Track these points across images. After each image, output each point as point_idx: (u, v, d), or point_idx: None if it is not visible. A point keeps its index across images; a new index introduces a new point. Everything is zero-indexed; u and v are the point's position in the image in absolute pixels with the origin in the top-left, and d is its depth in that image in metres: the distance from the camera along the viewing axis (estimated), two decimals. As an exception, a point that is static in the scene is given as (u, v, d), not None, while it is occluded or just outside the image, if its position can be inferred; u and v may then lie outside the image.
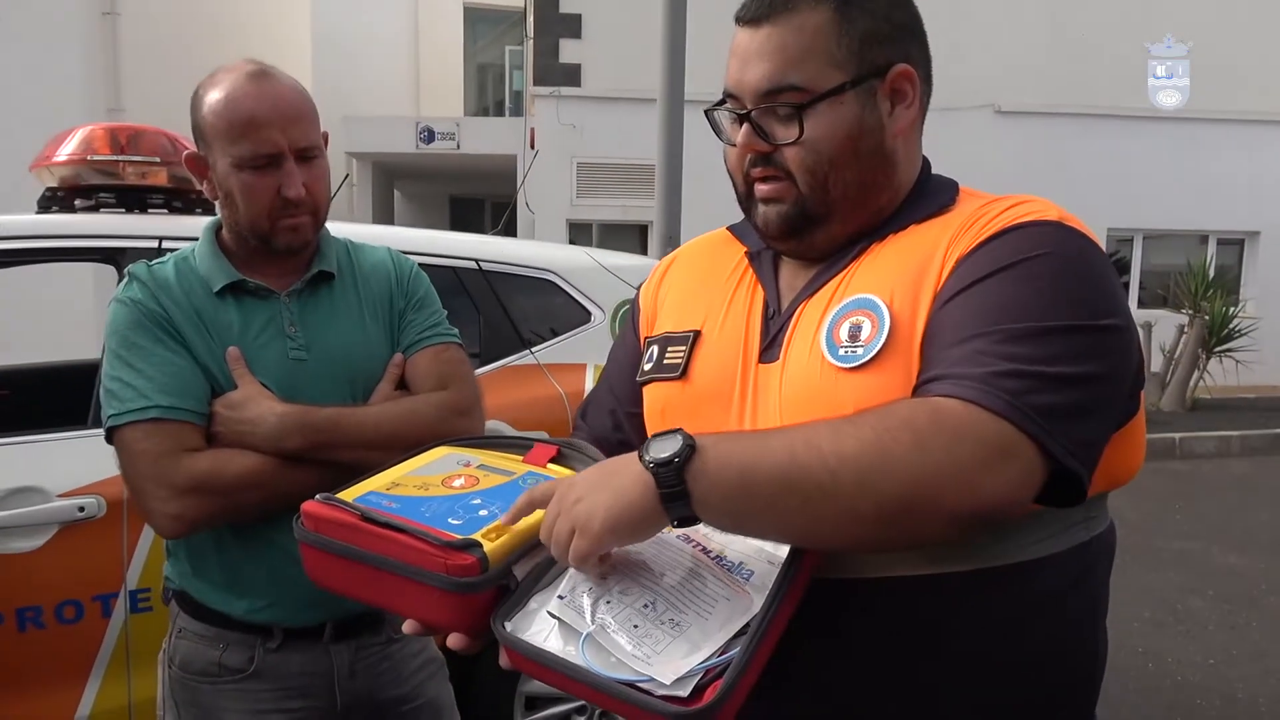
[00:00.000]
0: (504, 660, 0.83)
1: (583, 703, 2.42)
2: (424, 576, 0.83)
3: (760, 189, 0.98)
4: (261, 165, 1.27)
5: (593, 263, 2.75)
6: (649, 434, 1.08)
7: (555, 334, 2.58)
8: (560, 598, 0.81)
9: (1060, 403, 0.78)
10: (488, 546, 0.84)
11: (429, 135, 11.64)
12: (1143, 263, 11.40)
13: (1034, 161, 10.40)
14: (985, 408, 0.77)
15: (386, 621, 1.42)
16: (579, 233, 11.02)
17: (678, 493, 0.76)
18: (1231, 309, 9.27)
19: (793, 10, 0.93)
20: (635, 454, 0.80)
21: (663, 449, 0.77)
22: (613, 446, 1.13)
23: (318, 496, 0.93)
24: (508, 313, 2.51)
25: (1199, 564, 4.43)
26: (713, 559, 0.87)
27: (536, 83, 10.55)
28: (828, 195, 0.95)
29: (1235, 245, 11.44)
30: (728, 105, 1.00)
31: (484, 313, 2.47)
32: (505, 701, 2.39)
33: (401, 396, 1.38)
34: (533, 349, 2.51)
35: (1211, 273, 9.92)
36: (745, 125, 0.96)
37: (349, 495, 0.94)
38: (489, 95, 16.89)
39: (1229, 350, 9.08)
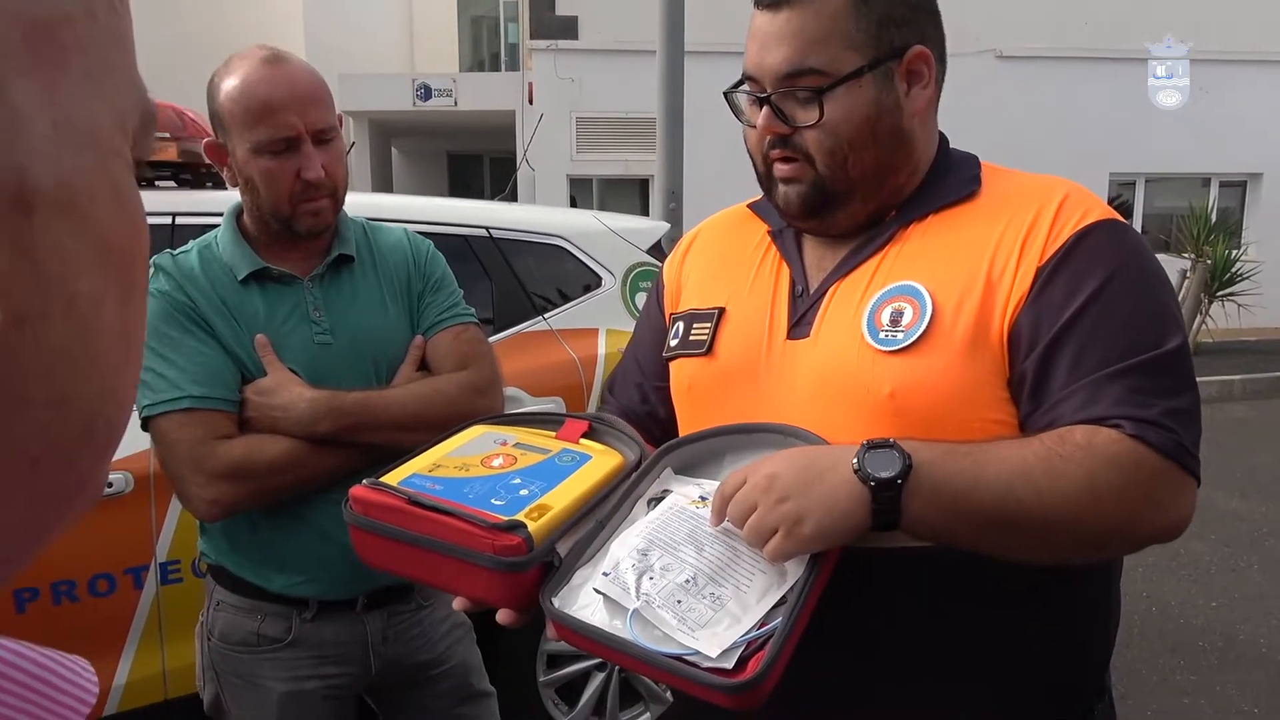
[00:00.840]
0: (551, 633, 0.86)
1: (601, 660, 2.49)
2: (472, 557, 0.86)
3: (779, 169, 1.00)
4: (280, 149, 1.28)
5: (602, 227, 2.75)
6: (677, 409, 1.12)
7: (567, 299, 2.60)
8: (605, 574, 0.84)
9: (1197, 431, 0.88)
10: (531, 526, 0.87)
11: (426, 92, 11.50)
12: (1145, 207, 11.34)
13: (1036, 106, 10.30)
14: (1170, 458, 0.84)
15: (415, 590, 1.46)
16: (579, 188, 10.95)
17: (892, 509, 0.81)
18: (1234, 252, 9.24)
19: None
20: (839, 454, 0.83)
21: (883, 465, 0.81)
22: (641, 419, 1.16)
23: (364, 481, 0.96)
24: (519, 279, 2.53)
25: (1201, 508, 4.43)
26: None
27: (533, 36, 10.40)
28: (847, 176, 0.97)
29: (1238, 188, 11.38)
30: (746, 87, 1.01)
31: (496, 280, 2.48)
32: (527, 659, 2.46)
33: (423, 377, 1.40)
34: (545, 315, 2.53)
35: (1214, 216, 9.87)
36: (765, 108, 0.97)
37: (393, 479, 0.96)
38: (484, 48, 16.63)
39: (1231, 294, 9.07)
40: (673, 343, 1.11)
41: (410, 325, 1.44)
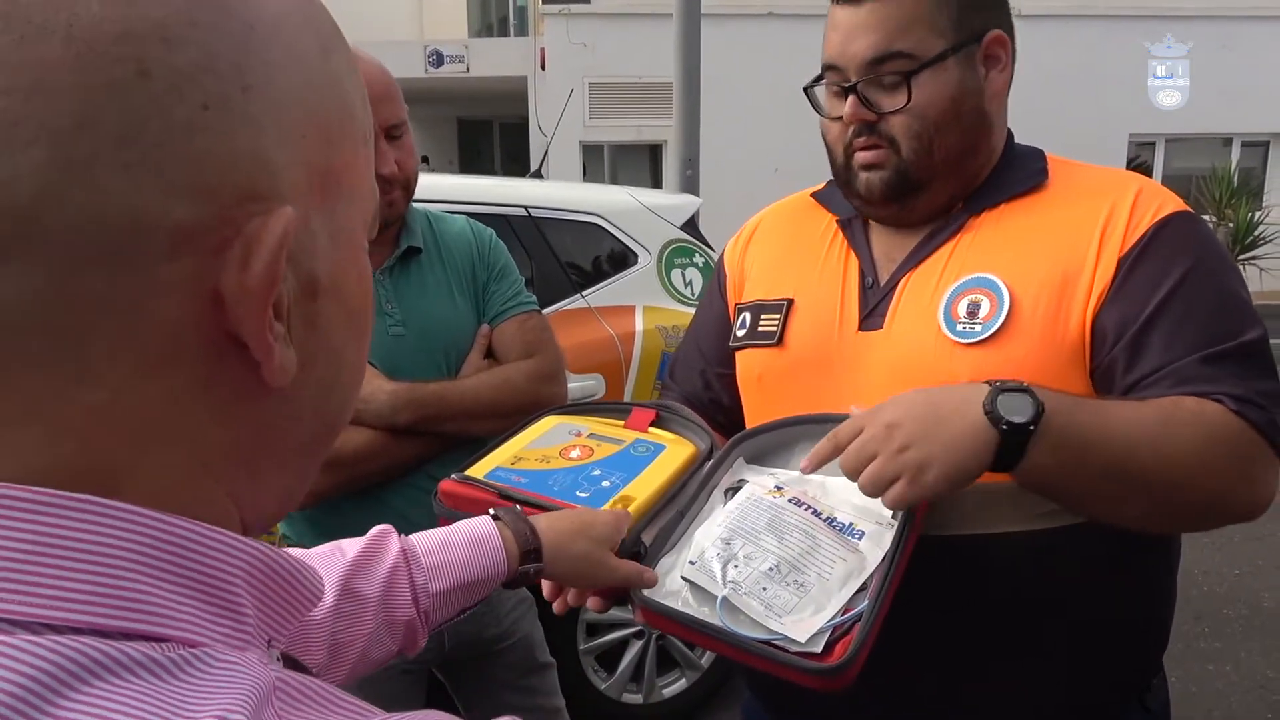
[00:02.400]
0: (639, 618, 0.91)
1: (639, 627, 2.56)
2: None
3: (861, 156, 1.01)
4: None
5: (637, 204, 2.77)
6: (744, 398, 1.15)
7: (604, 277, 2.63)
8: (691, 563, 0.88)
9: None
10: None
11: (437, 59, 11.42)
12: (1164, 168, 11.24)
13: (1055, 66, 10.17)
14: (1260, 430, 0.87)
15: (483, 569, 1.52)
16: (591, 155, 10.91)
17: (1016, 456, 0.81)
18: (1256, 214, 9.18)
19: None
20: (966, 395, 0.83)
21: (1016, 410, 0.80)
22: (704, 406, 1.19)
23: (453, 476, 1.00)
24: (557, 257, 2.55)
25: (1222, 475, 4.51)
26: (824, 521, 0.93)
27: (545, 1, 10.29)
28: (931, 160, 0.99)
29: (1260, 147, 11.25)
30: (826, 80, 1.03)
31: (535, 258, 2.51)
32: (569, 627, 2.53)
33: (491, 366, 1.44)
34: (583, 292, 2.56)
35: (1236, 178, 9.78)
36: (851, 96, 0.99)
37: (478, 472, 1.00)
38: (492, 12, 16.46)
39: (1254, 258, 9.02)
40: (740, 333, 1.13)
41: (476, 314, 1.48)
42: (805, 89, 1.07)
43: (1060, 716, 1.00)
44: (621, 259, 2.68)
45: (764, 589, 0.85)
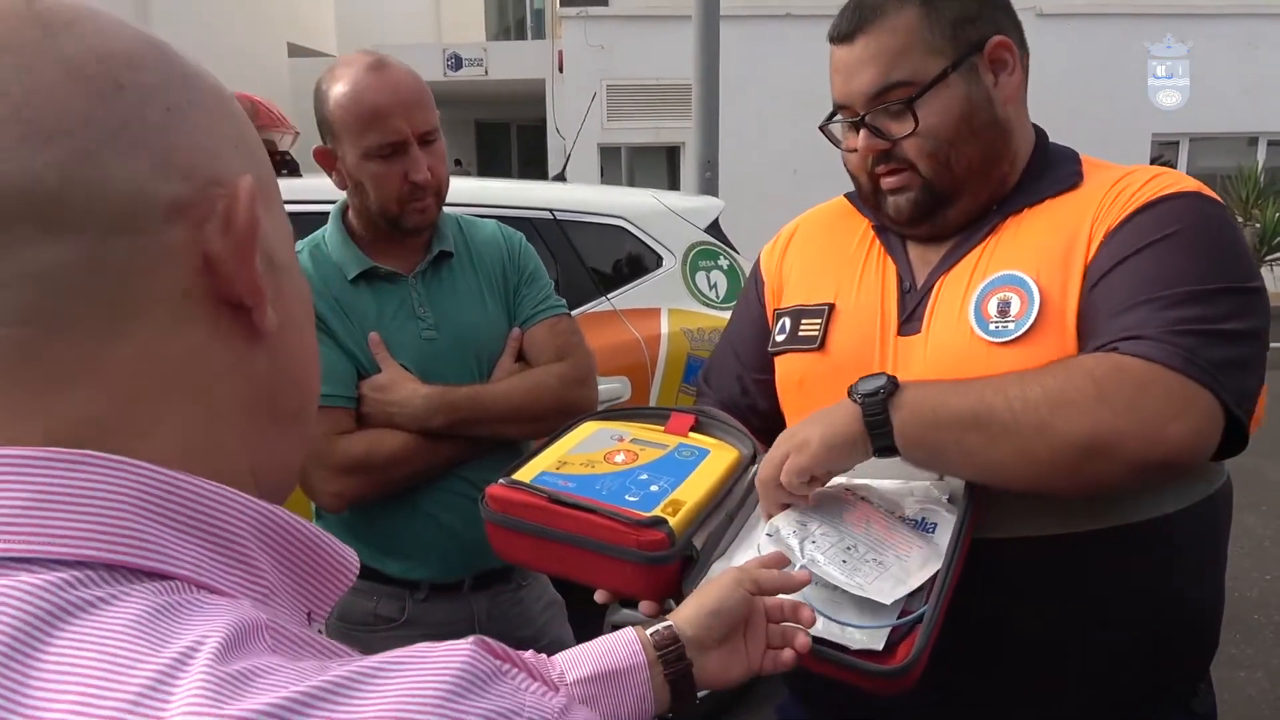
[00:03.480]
0: None
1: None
2: (618, 552, 0.91)
3: (886, 181, 1.03)
4: (388, 154, 1.32)
5: (661, 206, 2.77)
6: (783, 403, 1.15)
7: (628, 279, 2.63)
8: (768, 535, 0.89)
9: (1229, 357, 0.85)
10: (671, 521, 0.92)
11: (456, 62, 11.48)
12: (1189, 168, 11.12)
13: (1077, 65, 10.09)
14: (1164, 364, 0.83)
15: (515, 570, 1.52)
16: (609, 157, 10.92)
17: (880, 420, 0.88)
18: (1283, 214, 9.08)
19: (882, 16, 0.98)
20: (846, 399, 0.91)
21: (869, 384, 0.90)
22: (741, 411, 1.19)
23: (500, 481, 1.00)
24: (582, 260, 2.56)
25: (1252, 479, 4.45)
26: (894, 515, 0.94)
27: (563, 3, 10.32)
28: (952, 174, 1.00)
29: (1286, 147, 11.11)
30: (839, 117, 1.05)
31: (560, 261, 2.52)
32: (595, 629, 2.53)
33: (522, 369, 1.45)
34: (608, 295, 2.57)
35: (1263, 178, 9.67)
36: (862, 130, 1.01)
37: (524, 477, 1.01)
38: (509, 15, 16.52)
39: (1280, 258, 8.92)
40: (779, 338, 1.13)
41: (507, 318, 1.48)
42: (821, 127, 1.09)
43: (1101, 719, 0.99)
44: (646, 262, 2.68)
45: (844, 561, 0.86)
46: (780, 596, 0.82)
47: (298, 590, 0.40)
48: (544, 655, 0.76)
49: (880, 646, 0.80)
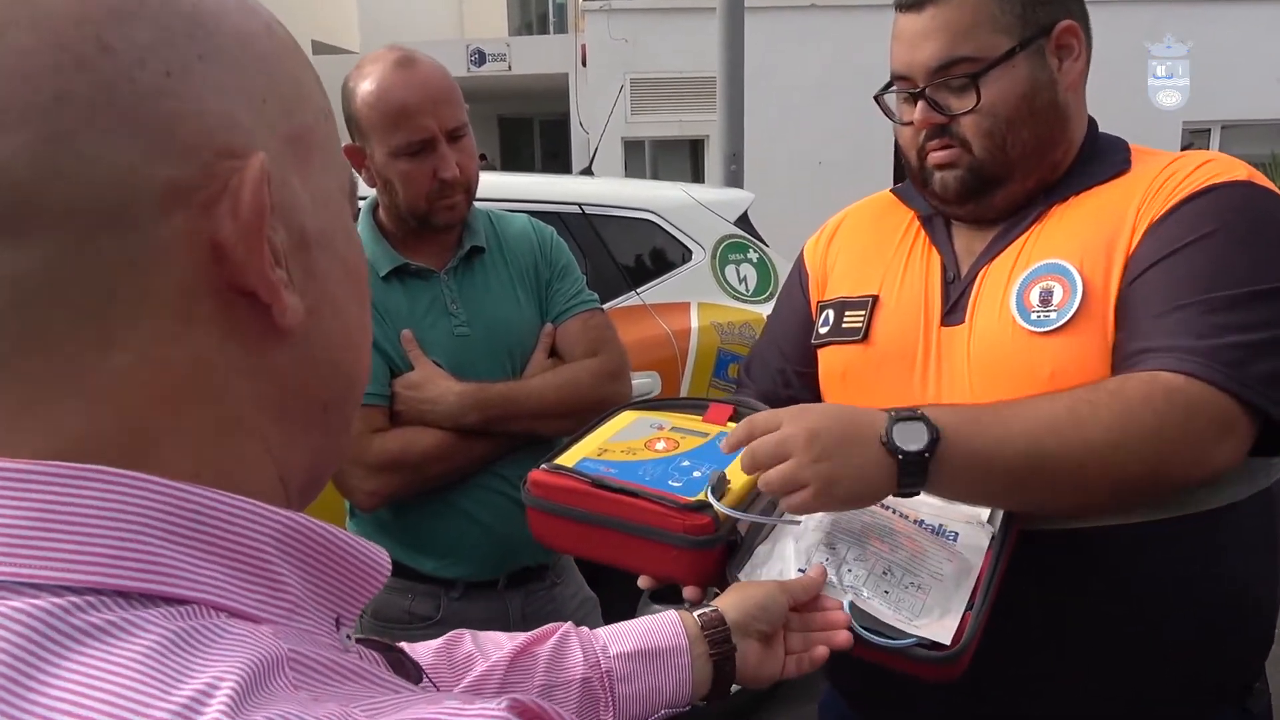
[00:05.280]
0: None
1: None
2: (663, 537, 0.89)
3: (935, 156, 1.01)
4: (417, 151, 1.31)
5: (690, 200, 2.75)
6: (825, 395, 1.13)
7: (658, 273, 2.61)
8: (800, 570, 0.87)
9: (1275, 370, 0.83)
10: (716, 506, 0.90)
11: (480, 57, 11.51)
12: (1223, 156, 10.94)
13: (1109, 52, 9.88)
14: (1211, 383, 0.81)
15: (550, 568, 1.51)
16: (632, 150, 10.89)
17: (918, 474, 0.82)
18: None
19: None
20: (872, 421, 0.82)
21: (910, 439, 0.81)
22: (782, 403, 1.17)
23: (542, 465, 0.99)
24: (612, 254, 2.55)
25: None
26: (914, 524, 0.92)
27: (586, -3, 10.30)
28: (1006, 156, 0.98)
29: (1322, 133, 10.89)
30: (896, 87, 1.03)
31: (589, 256, 2.50)
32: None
33: (555, 365, 1.44)
34: (638, 289, 2.55)
35: (1297, 165, 9.49)
36: (920, 102, 0.99)
37: (567, 462, 0.99)
38: (532, 9, 16.53)
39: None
40: (823, 330, 1.12)
41: (539, 313, 1.47)
42: (876, 97, 1.07)
43: (1157, 715, 0.97)
44: (675, 256, 2.66)
45: (886, 592, 0.84)
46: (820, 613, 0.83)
47: (325, 597, 0.37)
48: (586, 628, 0.77)
49: (949, 640, 0.79)
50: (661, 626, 0.77)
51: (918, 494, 0.84)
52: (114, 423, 0.33)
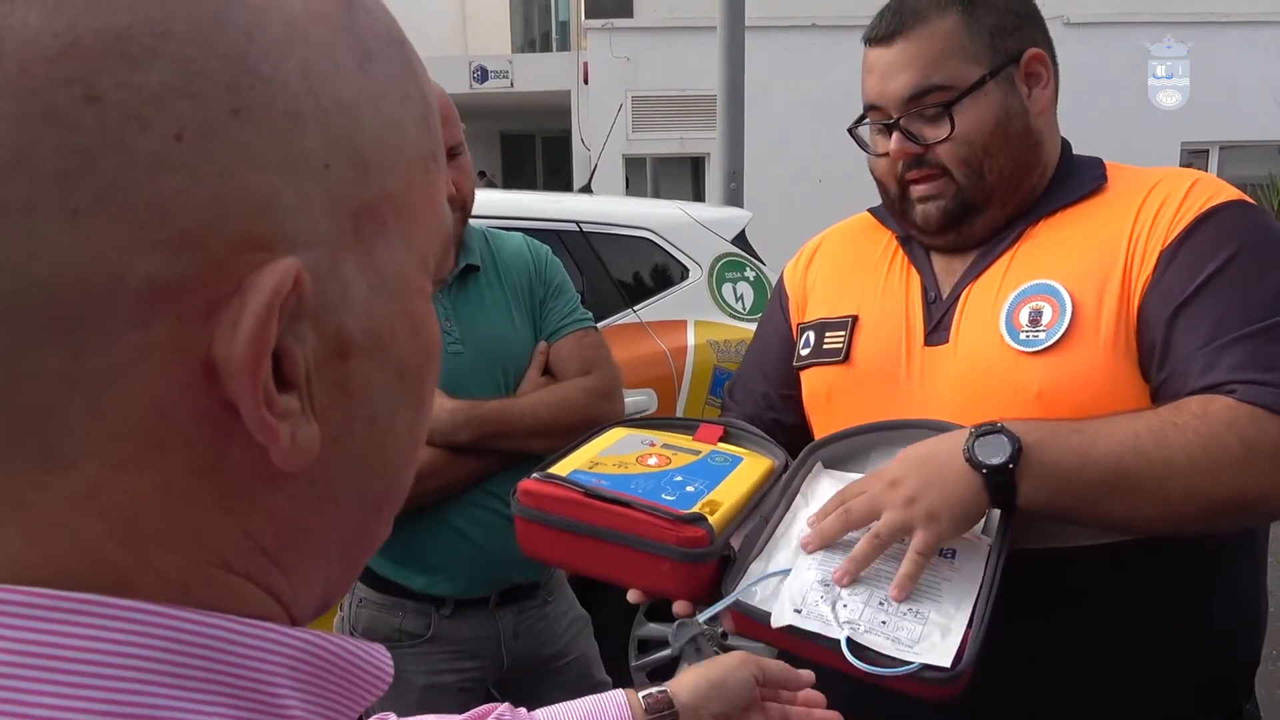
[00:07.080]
0: (729, 625, 0.90)
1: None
2: (656, 548, 0.88)
3: (917, 189, 1.02)
4: None
5: (688, 218, 2.77)
6: (811, 417, 1.13)
7: (655, 291, 2.62)
8: (797, 611, 0.85)
9: None
10: (711, 519, 0.90)
11: (482, 74, 11.58)
12: (1219, 176, 10.97)
13: (1106, 74, 10.00)
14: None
15: (541, 585, 1.51)
16: (634, 168, 10.95)
17: (1009, 495, 0.84)
18: (1317, 224, 8.91)
19: (922, 21, 0.98)
20: (953, 443, 0.85)
21: (992, 452, 0.83)
22: (766, 426, 1.18)
23: (533, 475, 0.98)
24: (609, 272, 2.56)
25: None
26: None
27: (588, 15, 10.38)
28: (985, 182, 0.99)
29: (1320, 154, 10.94)
30: (869, 119, 1.04)
31: (587, 274, 2.52)
32: (621, 644, 2.52)
33: (549, 383, 1.44)
34: (635, 307, 2.56)
35: (1295, 186, 9.53)
36: (895, 133, 1.00)
37: (559, 472, 0.99)
38: (535, 27, 16.64)
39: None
40: (804, 352, 1.12)
41: (534, 331, 1.48)
42: (850, 130, 1.08)
43: None
44: (672, 274, 2.68)
45: (883, 622, 0.83)
46: (802, 709, 0.80)
47: (323, 713, 0.33)
48: (524, 709, 0.73)
49: (949, 663, 0.78)
50: (605, 709, 0.74)
51: (1013, 509, 0.85)
52: (72, 552, 0.26)
